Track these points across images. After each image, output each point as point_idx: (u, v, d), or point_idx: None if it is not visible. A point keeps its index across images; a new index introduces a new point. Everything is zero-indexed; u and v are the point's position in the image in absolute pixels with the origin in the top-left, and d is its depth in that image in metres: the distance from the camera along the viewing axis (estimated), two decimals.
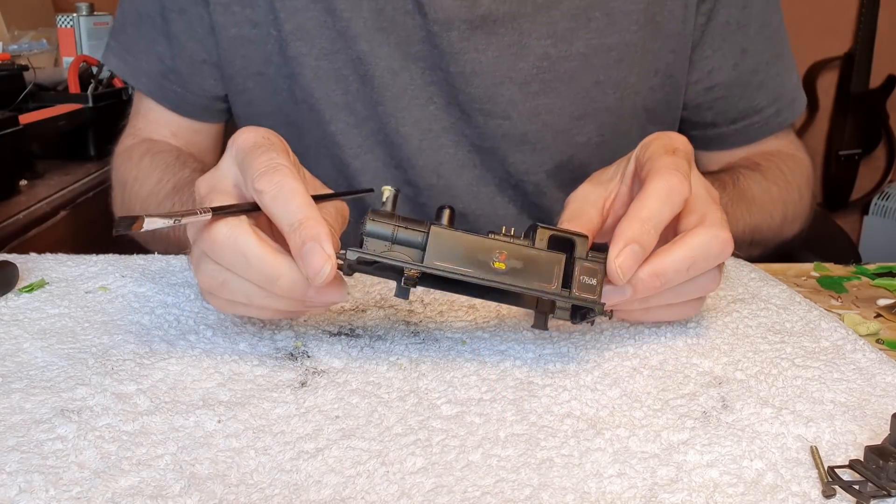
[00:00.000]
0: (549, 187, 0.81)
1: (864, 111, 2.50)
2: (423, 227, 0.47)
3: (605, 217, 0.55)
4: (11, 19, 1.57)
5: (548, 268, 0.47)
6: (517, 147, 0.79)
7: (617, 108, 0.79)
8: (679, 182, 0.49)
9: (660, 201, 0.48)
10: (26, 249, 0.69)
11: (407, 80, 0.77)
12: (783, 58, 0.86)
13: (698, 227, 0.49)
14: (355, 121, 0.79)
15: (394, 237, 0.46)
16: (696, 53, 0.81)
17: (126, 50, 0.85)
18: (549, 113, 0.78)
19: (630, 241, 0.47)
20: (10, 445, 0.40)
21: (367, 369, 0.49)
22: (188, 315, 0.56)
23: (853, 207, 2.62)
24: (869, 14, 2.40)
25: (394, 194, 0.48)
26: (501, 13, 0.75)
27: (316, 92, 0.78)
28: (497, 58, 0.76)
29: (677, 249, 0.49)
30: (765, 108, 0.85)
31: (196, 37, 0.80)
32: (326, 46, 0.77)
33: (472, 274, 0.46)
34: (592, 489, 0.37)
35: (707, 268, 0.50)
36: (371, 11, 0.75)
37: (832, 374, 0.49)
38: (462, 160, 0.80)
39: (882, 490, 0.37)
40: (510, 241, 0.47)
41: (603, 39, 0.77)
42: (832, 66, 2.46)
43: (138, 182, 0.82)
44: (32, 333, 0.52)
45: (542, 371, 0.49)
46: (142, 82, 0.85)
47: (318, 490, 0.37)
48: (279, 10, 0.76)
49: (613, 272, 0.47)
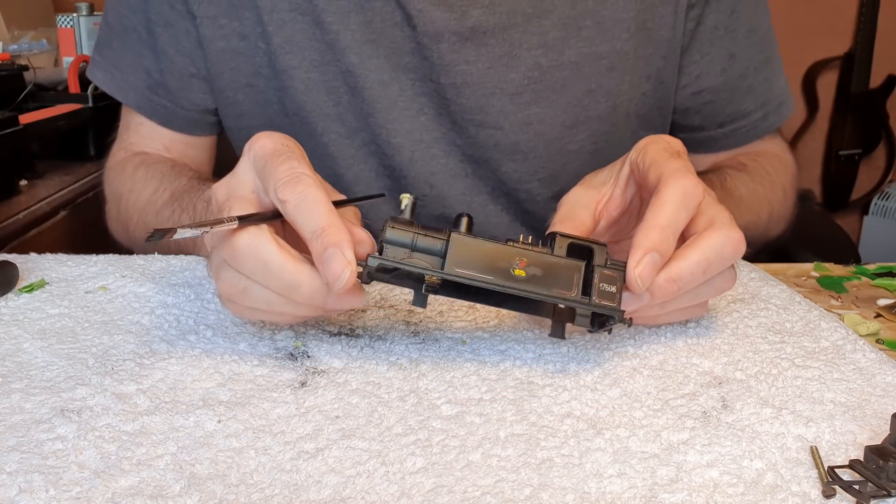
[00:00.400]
0: (542, 195, 0.82)
1: (864, 111, 2.50)
2: (443, 234, 0.47)
3: (598, 219, 0.56)
4: (11, 19, 1.57)
5: (567, 275, 0.47)
6: (509, 157, 0.79)
7: (609, 116, 0.79)
8: (693, 186, 0.49)
9: (676, 207, 0.48)
10: (26, 249, 0.69)
11: (397, 92, 0.77)
12: (771, 62, 0.86)
13: (710, 229, 0.50)
14: (347, 132, 0.79)
15: (413, 244, 0.46)
16: (685, 58, 0.81)
17: (112, 64, 0.84)
18: (541, 122, 0.78)
19: (649, 249, 0.47)
20: (10, 445, 0.40)
21: (367, 369, 0.49)
22: (188, 315, 0.56)
23: (853, 207, 2.62)
24: (869, 14, 2.40)
25: (412, 202, 0.49)
26: (491, 25, 0.74)
27: (307, 104, 0.78)
28: (488, 69, 0.75)
29: (692, 253, 0.49)
30: (752, 112, 0.85)
31: (183, 51, 0.79)
32: (316, 58, 0.76)
33: (493, 281, 0.46)
34: (592, 489, 0.37)
35: (722, 268, 0.51)
36: (359, 24, 0.75)
37: (832, 374, 0.49)
38: (454, 170, 0.80)
39: (882, 490, 0.37)
40: (530, 249, 0.48)
41: (594, 48, 0.76)
42: (832, 66, 2.46)
43: (134, 193, 0.81)
44: (32, 333, 0.52)
45: (542, 371, 0.49)
46: (130, 97, 0.84)
47: (318, 490, 0.37)
48: (267, 24, 0.76)
49: (633, 281, 0.47)
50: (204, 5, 0.77)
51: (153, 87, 0.82)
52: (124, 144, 0.87)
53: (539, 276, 0.47)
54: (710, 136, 0.86)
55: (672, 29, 0.79)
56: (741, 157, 0.86)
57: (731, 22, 0.81)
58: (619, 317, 0.47)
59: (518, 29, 0.75)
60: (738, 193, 0.78)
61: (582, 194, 0.56)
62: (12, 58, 1.35)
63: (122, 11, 0.82)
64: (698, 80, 0.83)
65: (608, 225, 0.57)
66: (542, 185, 0.81)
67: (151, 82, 0.82)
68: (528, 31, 0.75)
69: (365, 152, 0.79)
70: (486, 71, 0.75)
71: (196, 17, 0.77)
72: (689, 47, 0.81)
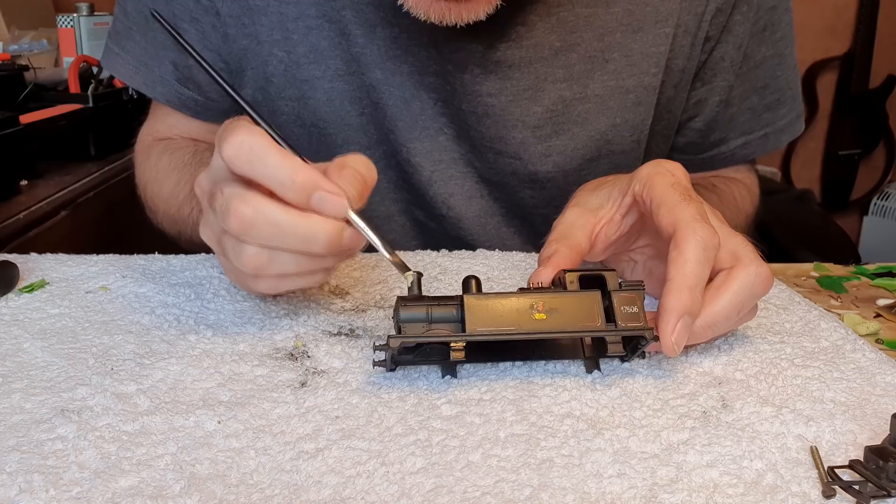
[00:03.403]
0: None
1: (864, 111, 2.51)
2: (454, 300, 0.47)
3: (594, 241, 0.56)
4: (12, 19, 1.57)
5: (587, 307, 0.47)
6: (527, 185, 0.78)
7: (633, 150, 0.79)
8: (711, 236, 0.48)
9: (700, 264, 0.47)
10: (27, 249, 0.69)
11: (418, 110, 0.76)
12: (765, 92, 0.86)
13: (738, 267, 0.49)
14: (368, 142, 0.78)
15: (429, 317, 0.46)
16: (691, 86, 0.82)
17: (136, 58, 0.82)
18: (561, 154, 0.77)
19: (682, 313, 0.46)
20: (11, 445, 0.40)
21: (367, 369, 0.49)
22: (188, 315, 0.56)
23: (853, 207, 2.62)
24: (868, 14, 2.41)
25: (417, 278, 0.49)
26: (517, 59, 0.73)
27: (329, 115, 0.77)
28: (510, 102, 0.74)
29: (724, 296, 0.48)
30: (733, 139, 0.85)
31: (210, 45, 0.78)
32: (342, 68, 0.75)
33: (517, 331, 0.46)
34: (592, 489, 0.38)
35: (752, 305, 0.51)
36: (385, 39, 0.73)
37: (832, 374, 0.49)
38: (470, 190, 0.80)
39: (882, 490, 0.37)
40: (542, 291, 0.48)
41: (621, 81, 0.75)
42: (832, 66, 2.46)
43: (157, 183, 0.82)
44: (33, 333, 0.52)
45: (542, 371, 0.49)
46: (158, 91, 0.82)
47: (318, 490, 0.37)
48: (292, 31, 0.74)
49: (669, 347, 0.46)
50: (227, 3, 0.76)
51: (182, 81, 0.81)
52: (150, 130, 0.87)
53: (560, 314, 0.46)
54: (689, 158, 0.86)
55: (687, 59, 0.78)
56: (713, 178, 0.87)
57: (737, 55, 0.81)
58: (649, 335, 0.46)
59: (544, 63, 0.74)
60: None
61: (578, 216, 0.56)
62: (13, 58, 1.36)
63: (146, 3, 0.80)
64: (696, 107, 0.83)
65: (606, 245, 0.57)
66: (557, 212, 0.80)
67: (180, 76, 0.81)
68: (554, 64, 0.74)
69: (385, 164, 0.79)
70: (508, 104, 0.74)
71: (221, 15, 0.76)
72: (696, 76, 0.81)
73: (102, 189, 1.22)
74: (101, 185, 1.22)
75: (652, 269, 0.58)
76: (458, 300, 0.46)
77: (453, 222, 0.81)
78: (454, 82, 0.74)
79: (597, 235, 0.56)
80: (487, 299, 0.46)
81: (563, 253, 0.53)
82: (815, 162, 2.58)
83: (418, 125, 0.76)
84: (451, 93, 0.75)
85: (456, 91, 0.74)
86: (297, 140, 0.79)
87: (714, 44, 0.79)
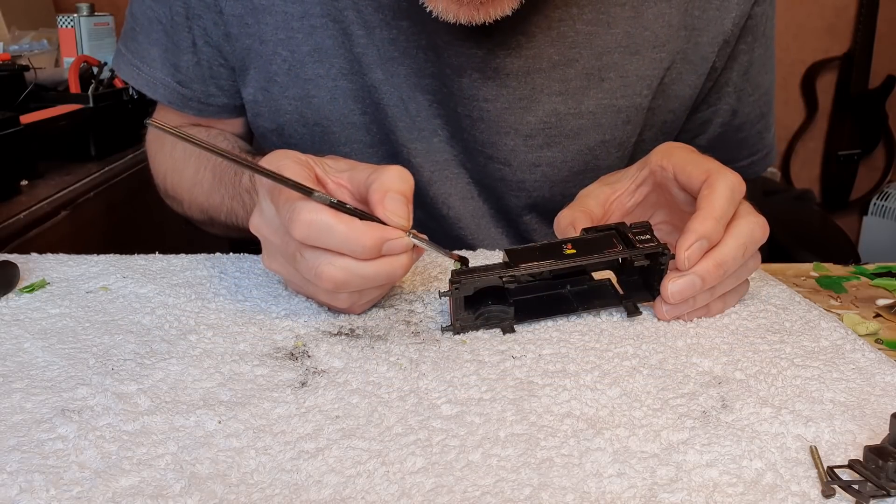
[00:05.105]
0: (540, 226, 0.83)
1: (864, 111, 2.51)
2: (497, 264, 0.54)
3: (608, 210, 0.63)
4: (12, 19, 1.57)
5: (607, 241, 0.55)
6: (514, 191, 0.80)
7: (618, 166, 0.80)
8: (740, 182, 0.56)
9: (727, 200, 0.55)
10: (27, 249, 0.69)
11: (414, 111, 0.77)
12: (766, 116, 0.89)
13: (738, 218, 0.56)
14: (371, 141, 0.79)
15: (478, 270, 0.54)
16: (696, 109, 0.84)
17: (138, 59, 0.82)
18: (550, 166, 0.78)
19: (702, 236, 0.53)
20: (11, 445, 0.40)
21: (367, 369, 0.49)
22: (188, 315, 0.56)
23: (852, 208, 2.62)
24: (868, 14, 2.41)
25: (465, 262, 0.55)
26: (516, 68, 0.74)
27: (332, 113, 0.77)
28: (505, 109, 0.75)
29: (730, 240, 0.55)
30: (740, 160, 0.89)
31: (212, 42, 0.78)
32: (345, 67, 0.76)
33: (554, 263, 0.53)
34: (592, 489, 0.38)
35: (753, 251, 0.57)
36: (384, 41, 0.74)
37: (831, 374, 0.49)
38: (463, 191, 0.81)
39: (881, 490, 0.37)
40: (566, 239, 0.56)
41: (614, 101, 0.77)
42: (831, 66, 2.46)
43: (176, 172, 0.83)
44: (33, 333, 0.53)
45: (542, 371, 0.49)
46: (159, 93, 0.82)
47: (319, 490, 0.37)
48: (297, 31, 0.75)
49: (681, 260, 0.53)
50: (231, 3, 0.76)
51: (183, 82, 0.81)
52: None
53: (586, 248, 0.54)
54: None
55: (691, 89, 0.80)
56: None
57: (742, 81, 0.83)
58: (668, 251, 0.54)
59: (542, 74, 0.75)
60: None
61: (596, 188, 0.64)
62: (13, 58, 1.35)
63: (148, 3, 0.80)
64: (700, 127, 0.85)
65: (621, 212, 0.63)
66: (541, 218, 0.82)
67: (181, 77, 0.81)
68: (551, 77, 0.75)
69: (386, 164, 0.79)
70: (503, 111, 0.75)
71: (223, 13, 0.77)
72: (703, 101, 0.83)
73: (103, 189, 1.22)
74: (101, 185, 1.22)
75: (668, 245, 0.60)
76: (503, 255, 0.54)
77: (453, 222, 0.82)
78: (451, 85, 0.75)
79: (612, 204, 0.63)
80: (523, 247, 0.55)
81: (576, 217, 0.60)
82: (815, 162, 2.58)
83: (416, 127, 0.77)
84: (448, 95, 0.75)
85: (452, 94, 0.75)
86: (300, 139, 0.79)
87: (720, 72, 0.81)
